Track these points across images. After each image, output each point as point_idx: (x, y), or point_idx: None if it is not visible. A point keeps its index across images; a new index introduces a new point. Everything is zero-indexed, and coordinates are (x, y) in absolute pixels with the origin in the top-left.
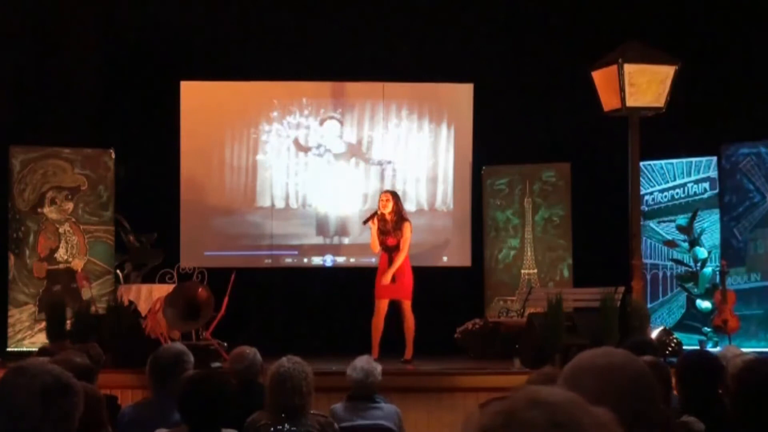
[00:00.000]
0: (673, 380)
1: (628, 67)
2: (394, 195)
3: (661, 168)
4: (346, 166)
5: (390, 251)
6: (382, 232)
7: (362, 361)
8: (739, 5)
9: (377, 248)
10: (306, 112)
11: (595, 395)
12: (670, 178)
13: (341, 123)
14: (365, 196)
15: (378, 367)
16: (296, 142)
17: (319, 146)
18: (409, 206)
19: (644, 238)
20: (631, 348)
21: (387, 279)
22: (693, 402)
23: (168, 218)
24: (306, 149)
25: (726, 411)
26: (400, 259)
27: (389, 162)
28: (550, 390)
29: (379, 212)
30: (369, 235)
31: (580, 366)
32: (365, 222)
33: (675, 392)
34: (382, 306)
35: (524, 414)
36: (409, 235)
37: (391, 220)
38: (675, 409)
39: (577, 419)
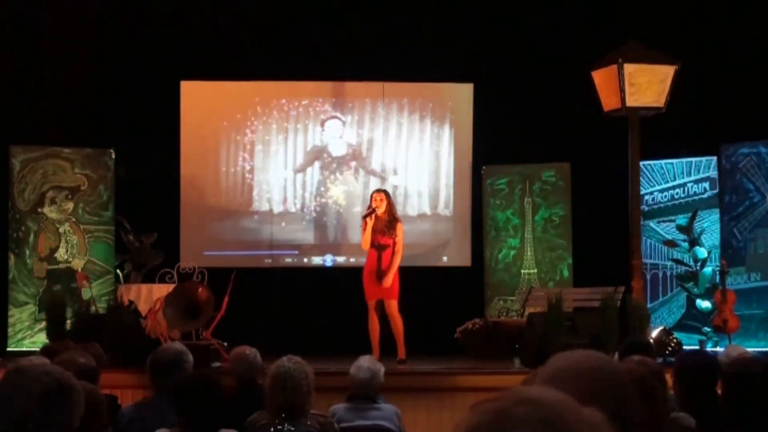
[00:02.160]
0: (671, 380)
1: (628, 67)
2: (387, 194)
3: (661, 168)
4: (346, 166)
5: (380, 250)
6: (374, 231)
7: (367, 361)
8: (738, 5)
9: (368, 245)
10: (306, 111)
11: (572, 397)
12: (670, 178)
13: (342, 123)
14: (365, 196)
15: (382, 368)
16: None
17: (319, 146)
18: (408, 207)
19: (644, 238)
20: (628, 349)
21: (387, 281)
22: (690, 401)
23: (168, 218)
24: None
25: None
26: (395, 263)
27: (389, 162)
28: (541, 389)
29: (375, 211)
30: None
31: (556, 368)
32: (365, 217)
33: (672, 392)
34: (374, 307)
35: (513, 411)
36: (402, 236)
37: (383, 219)
38: (672, 408)
39: (566, 418)
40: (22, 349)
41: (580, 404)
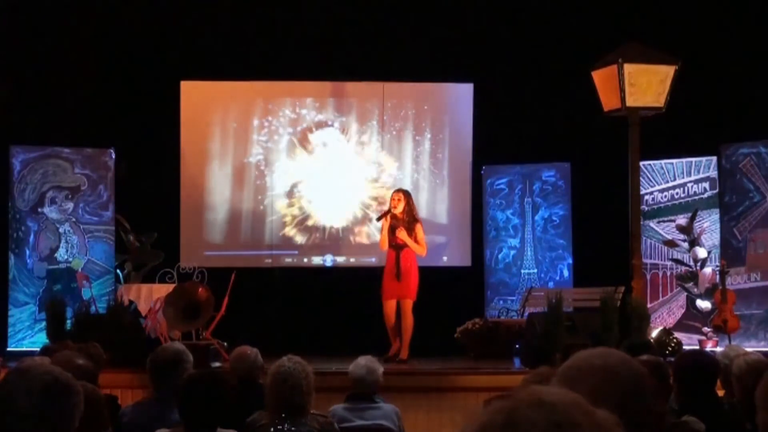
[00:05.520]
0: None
1: (628, 67)
2: (407, 194)
3: (661, 168)
4: (347, 166)
5: (398, 250)
6: (393, 231)
7: (365, 359)
8: (738, 5)
9: (386, 246)
10: (306, 111)
11: (591, 396)
12: (670, 178)
13: (342, 123)
14: (365, 196)
15: (380, 368)
16: (302, 137)
17: (319, 146)
18: None
19: (644, 238)
20: (629, 349)
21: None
22: (690, 401)
23: (168, 218)
24: (309, 147)
25: (723, 410)
26: (419, 251)
27: (389, 162)
28: (554, 390)
29: (391, 211)
30: (368, 235)
31: (575, 366)
32: (378, 219)
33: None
34: (390, 307)
35: (524, 413)
36: (422, 236)
37: (402, 219)
38: (672, 408)
39: (576, 420)
40: (22, 348)
41: (599, 404)
